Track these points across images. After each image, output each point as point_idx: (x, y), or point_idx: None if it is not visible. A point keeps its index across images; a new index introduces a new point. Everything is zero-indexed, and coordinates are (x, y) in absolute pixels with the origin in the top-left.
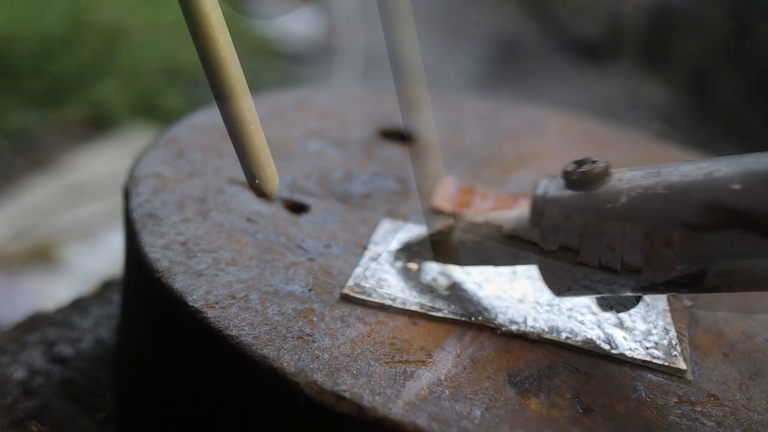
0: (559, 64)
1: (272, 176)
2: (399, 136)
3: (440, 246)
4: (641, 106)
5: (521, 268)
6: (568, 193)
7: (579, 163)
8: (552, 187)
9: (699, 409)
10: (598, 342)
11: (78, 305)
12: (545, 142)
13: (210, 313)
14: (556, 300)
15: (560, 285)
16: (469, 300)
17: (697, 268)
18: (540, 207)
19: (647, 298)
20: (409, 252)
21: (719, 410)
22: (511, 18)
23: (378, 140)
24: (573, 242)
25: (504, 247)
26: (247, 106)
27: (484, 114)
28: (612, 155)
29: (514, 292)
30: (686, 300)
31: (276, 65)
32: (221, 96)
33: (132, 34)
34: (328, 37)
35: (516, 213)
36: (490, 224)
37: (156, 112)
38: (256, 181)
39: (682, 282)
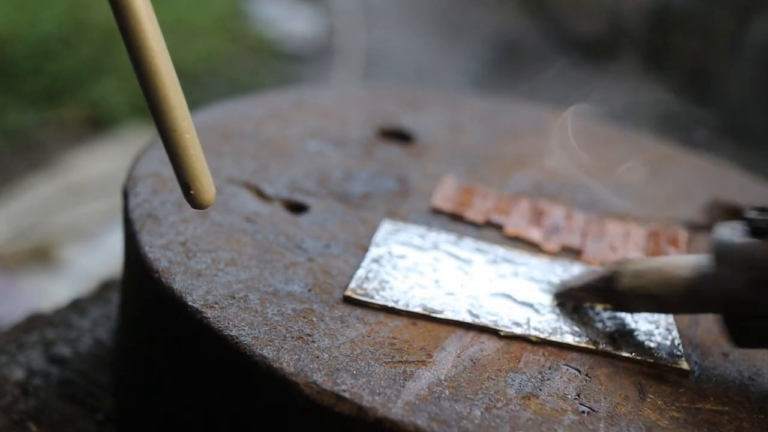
0: (559, 64)
1: (207, 186)
2: (399, 135)
3: (605, 293)
4: (641, 105)
5: (522, 270)
6: (757, 242)
7: (762, 209)
8: (734, 235)
9: (699, 409)
10: (601, 343)
11: (77, 305)
12: (545, 142)
13: (209, 313)
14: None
15: None
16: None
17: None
18: (726, 258)
19: None
20: (571, 297)
21: (719, 410)
22: (511, 18)
23: (378, 140)
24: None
25: (677, 295)
26: (182, 114)
27: (484, 114)
28: (612, 155)
29: (517, 294)
30: None
31: (276, 65)
32: (155, 105)
33: None
34: (328, 37)
35: (692, 260)
36: (662, 272)
37: None
38: (191, 192)
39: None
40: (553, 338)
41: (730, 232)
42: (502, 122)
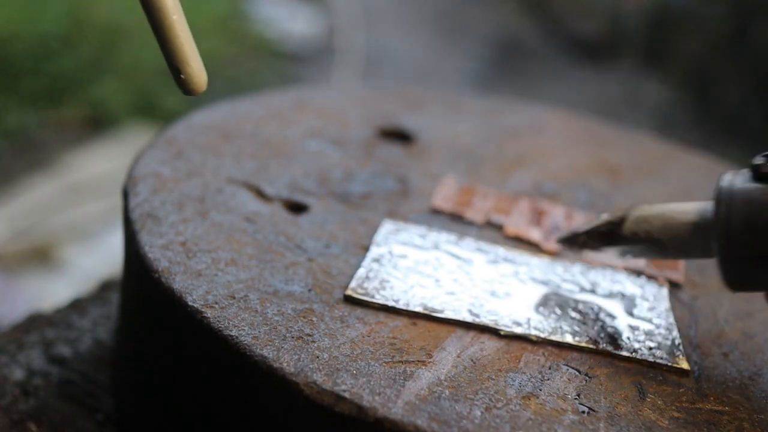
0: (559, 64)
1: (198, 70)
2: (399, 135)
3: (609, 237)
4: (641, 105)
5: (523, 270)
6: (759, 186)
7: None
8: (738, 180)
9: (699, 409)
10: (601, 343)
11: (77, 305)
12: (545, 141)
13: (209, 313)
14: (559, 301)
15: None
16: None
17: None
18: (726, 200)
19: (650, 297)
20: (576, 243)
21: (719, 410)
22: (511, 18)
23: (378, 140)
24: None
25: (680, 240)
26: None
27: (484, 114)
28: (612, 155)
29: (517, 293)
30: (686, 297)
31: (276, 65)
32: None
33: (131, 34)
34: (328, 37)
35: (695, 206)
36: (665, 217)
37: (155, 112)
38: (181, 76)
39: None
40: (553, 338)
41: (734, 178)
42: (502, 122)
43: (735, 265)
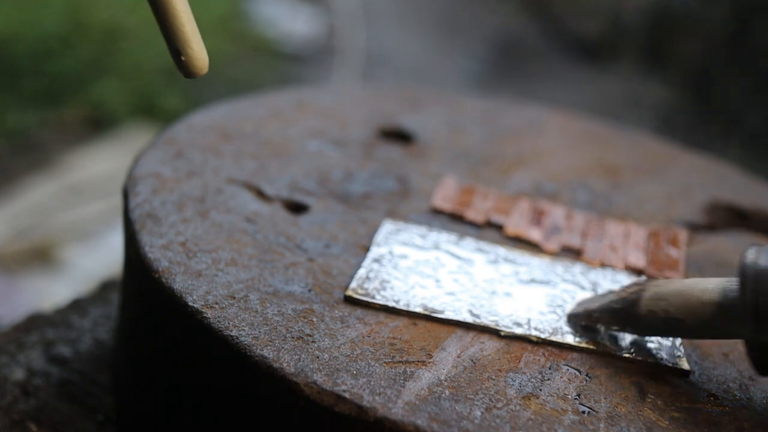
0: (559, 64)
1: (199, 52)
2: (399, 135)
3: (624, 315)
4: (641, 105)
5: (523, 270)
6: None
7: None
8: (763, 258)
9: (699, 409)
10: (601, 343)
11: (77, 305)
12: (545, 142)
13: (209, 314)
14: (558, 302)
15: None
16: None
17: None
18: (752, 280)
19: None
20: (587, 319)
21: (719, 410)
22: (511, 18)
23: (378, 140)
24: None
25: (702, 321)
26: None
27: (484, 114)
28: (612, 155)
29: (518, 293)
30: None
31: (276, 65)
32: None
33: (131, 34)
34: (328, 37)
35: (716, 283)
36: (683, 295)
37: (155, 112)
38: (182, 58)
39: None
40: (553, 338)
41: (759, 255)
42: (502, 122)
43: (766, 349)
